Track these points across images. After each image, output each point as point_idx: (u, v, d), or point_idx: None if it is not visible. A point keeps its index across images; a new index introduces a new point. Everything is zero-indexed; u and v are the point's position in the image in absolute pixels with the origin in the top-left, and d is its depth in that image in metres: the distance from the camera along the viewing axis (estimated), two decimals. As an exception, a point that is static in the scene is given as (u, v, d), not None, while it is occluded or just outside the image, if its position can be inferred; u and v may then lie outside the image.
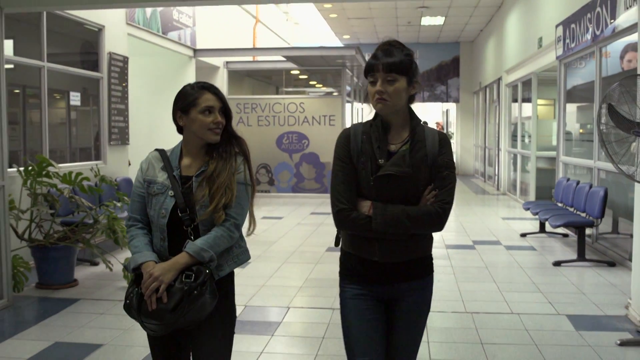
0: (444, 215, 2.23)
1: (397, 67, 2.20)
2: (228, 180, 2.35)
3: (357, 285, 2.32)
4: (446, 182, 2.24)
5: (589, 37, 7.63)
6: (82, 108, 8.52)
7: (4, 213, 5.22)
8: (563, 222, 6.73)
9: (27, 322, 4.90)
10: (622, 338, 4.32)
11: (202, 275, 2.24)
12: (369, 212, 2.22)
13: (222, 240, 2.32)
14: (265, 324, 4.74)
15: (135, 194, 2.45)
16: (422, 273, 2.35)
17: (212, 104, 2.37)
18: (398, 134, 2.30)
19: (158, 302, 2.20)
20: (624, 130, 4.18)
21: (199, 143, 2.42)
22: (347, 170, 2.28)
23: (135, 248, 2.36)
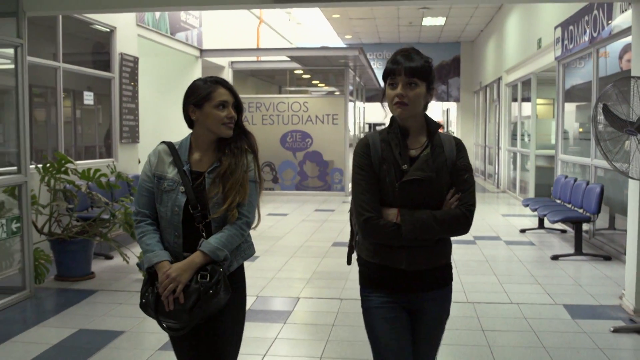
0: (471, 218, 2.25)
1: (419, 72, 2.22)
2: (242, 178, 2.36)
3: (382, 293, 2.31)
4: (468, 185, 2.27)
5: (587, 39, 7.87)
6: (86, 107, 8.73)
7: (27, 208, 5.47)
8: (561, 217, 6.99)
9: (50, 311, 5.15)
10: (616, 325, 4.57)
11: (217, 274, 2.26)
12: (396, 219, 2.21)
13: (235, 238, 2.35)
14: (277, 312, 5.00)
15: (142, 187, 2.42)
16: (443, 282, 2.36)
17: (226, 98, 2.38)
18: (416, 139, 2.31)
19: (175, 302, 2.23)
20: (618, 129, 4.43)
21: (210, 138, 2.40)
22: (369, 179, 2.27)
23: (148, 246, 2.36)
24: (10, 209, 5.67)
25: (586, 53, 8.16)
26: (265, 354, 4.07)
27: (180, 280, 2.23)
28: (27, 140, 5.43)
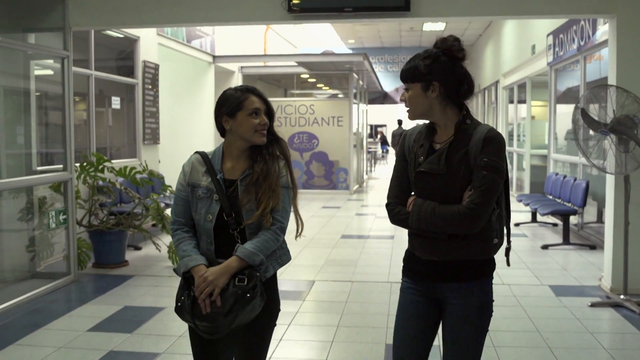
0: (471, 216, 2.17)
1: (406, 75, 2.30)
2: (274, 184, 2.38)
3: (408, 278, 2.40)
4: (481, 183, 2.18)
5: (575, 47, 8.53)
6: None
7: (72, 201, 6.14)
8: (550, 210, 7.67)
9: (95, 292, 5.82)
10: (593, 301, 5.24)
11: (253, 278, 2.30)
12: (408, 207, 2.29)
13: (270, 243, 2.38)
14: (296, 292, 5.67)
15: (178, 197, 2.48)
16: (467, 276, 2.28)
17: (258, 106, 2.41)
18: (445, 133, 2.32)
19: (212, 305, 2.27)
20: (594, 129, 5.10)
21: (243, 146, 2.43)
22: (398, 168, 2.38)
23: (184, 252, 2.40)
24: (52, 204, 6.35)
25: (575, 60, 8.83)
26: (290, 324, 4.75)
27: (217, 284, 2.27)
28: (73, 141, 6.10)
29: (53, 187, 6.18)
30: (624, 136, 4.97)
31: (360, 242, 8.03)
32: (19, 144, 6.43)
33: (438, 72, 2.25)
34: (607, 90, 5.01)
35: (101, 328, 4.71)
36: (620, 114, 4.97)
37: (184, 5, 5.86)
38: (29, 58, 6.36)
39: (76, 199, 6.34)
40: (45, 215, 6.21)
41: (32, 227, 6.30)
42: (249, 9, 5.78)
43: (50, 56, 6.24)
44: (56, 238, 6.46)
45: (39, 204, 6.23)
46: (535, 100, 12.79)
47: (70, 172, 6.10)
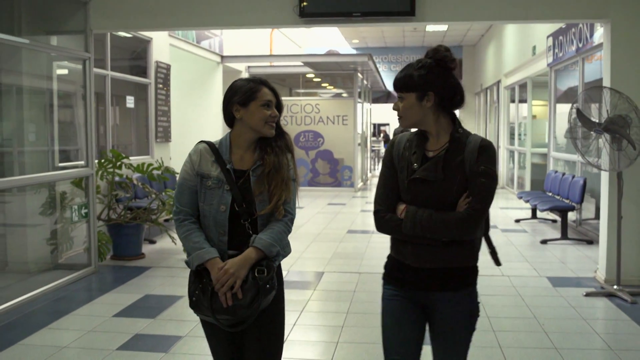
0: (471, 221, 2.21)
1: (400, 85, 2.32)
2: (286, 177, 2.41)
3: (393, 286, 2.39)
4: (479, 190, 2.22)
5: (574, 49, 8.82)
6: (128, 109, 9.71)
7: (93, 196, 6.46)
8: (549, 206, 7.97)
9: (115, 282, 6.12)
10: (588, 291, 5.54)
11: (272, 269, 2.33)
12: (401, 215, 2.29)
13: (284, 235, 2.40)
14: (307, 282, 5.98)
15: (184, 186, 2.44)
16: (457, 285, 2.31)
17: (271, 98, 2.43)
18: (437, 141, 2.33)
19: (233, 298, 2.26)
20: (588, 129, 5.40)
21: (252, 137, 2.44)
22: (387, 175, 2.36)
23: (196, 244, 2.36)
24: (72, 198, 6.66)
25: (573, 61, 9.12)
26: (302, 310, 5.06)
27: (239, 276, 2.27)
28: (94, 138, 6.41)
29: (74, 182, 6.49)
30: (617, 135, 5.27)
31: (365, 236, 8.34)
32: (42, 141, 6.74)
33: (433, 82, 2.28)
34: (602, 92, 5.30)
35: (125, 314, 5.02)
36: (614, 114, 5.27)
37: (200, 9, 6.16)
38: (51, 59, 6.67)
39: (97, 193, 6.65)
40: (65, 210, 6.53)
41: (54, 221, 6.61)
42: (262, 13, 6.08)
43: (72, 58, 6.55)
44: (75, 232, 6.77)
45: (60, 199, 6.54)
46: (536, 99, 13.07)
47: (91, 168, 6.41)
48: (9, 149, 6.44)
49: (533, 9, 5.83)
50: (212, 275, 2.29)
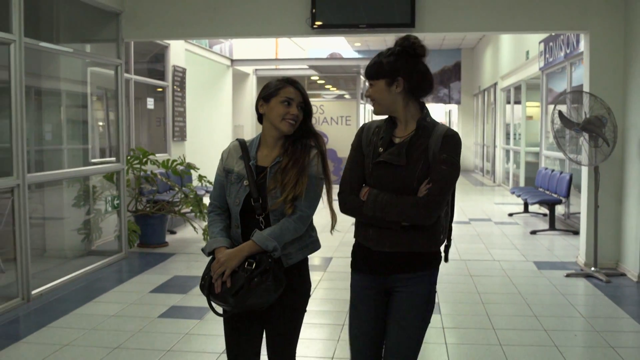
0: (427, 207, 2.25)
1: (371, 72, 2.40)
2: (300, 174, 2.43)
3: (359, 274, 2.46)
4: (439, 176, 2.27)
5: (562, 54, 9.50)
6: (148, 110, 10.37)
7: (124, 189, 7.14)
8: (538, 200, 8.66)
9: (144, 266, 6.80)
10: (569, 272, 6.22)
11: (263, 263, 2.36)
12: (363, 197, 2.34)
13: (287, 231, 2.42)
14: (319, 265, 6.67)
15: (216, 181, 2.59)
16: (415, 267, 2.35)
17: (292, 96, 2.48)
18: (405, 127, 2.39)
19: (223, 285, 2.36)
20: (568, 128, 6.08)
21: (276, 134, 2.51)
22: (355, 159, 2.42)
23: (212, 234, 2.52)
24: (102, 192, 7.34)
25: (562, 66, 9.80)
26: (316, 288, 5.75)
27: (228, 266, 2.35)
28: (125, 137, 7.10)
29: (106, 176, 7.17)
30: (594, 134, 5.95)
31: (369, 228, 9.04)
32: (78, 139, 7.43)
33: (402, 68, 2.33)
34: (581, 96, 5.98)
35: (159, 290, 5.71)
36: (591, 115, 5.95)
37: (221, 20, 6.84)
38: (86, 65, 7.36)
39: (127, 187, 7.34)
40: (97, 201, 7.21)
41: (86, 212, 7.29)
42: (278, 25, 6.77)
43: (106, 64, 7.23)
44: (104, 222, 7.45)
45: (92, 191, 7.22)
46: (530, 101, 13.76)
47: (122, 163, 7.10)
48: (51, 146, 7.12)
49: (520, 21, 6.51)
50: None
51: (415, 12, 6.39)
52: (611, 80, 6.28)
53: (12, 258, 6.14)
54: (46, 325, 4.70)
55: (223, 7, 6.79)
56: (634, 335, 4.60)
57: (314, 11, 6.53)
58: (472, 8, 6.46)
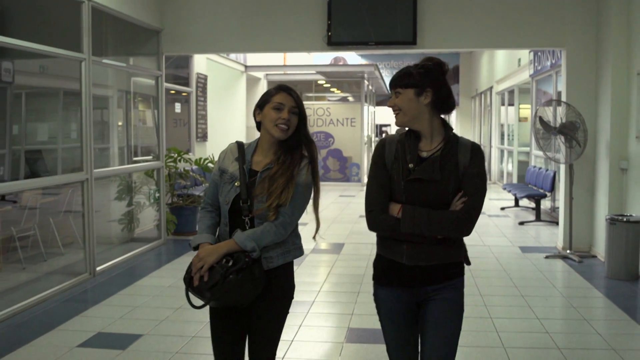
0: (469, 221, 2.30)
1: (398, 82, 2.40)
2: (287, 183, 2.50)
3: (388, 288, 2.45)
4: (475, 190, 2.32)
5: (549, 64, 10.56)
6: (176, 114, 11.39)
7: (162, 184, 8.20)
8: (525, 194, 9.74)
9: (183, 250, 7.84)
10: (548, 255, 7.28)
11: (240, 262, 2.43)
12: (397, 214, 2.33)
13: (267, 235, 2.49)
14: (332, 249, 7.73)
15: (211, 180, 2.69)
16: (450, 276, 2.41)
17: (283, 101, 2.53)
18: (430, 142, 2.40)
19: (201, 279, 2.44)
20: (547, 131, 7.14)
21: (270, 140, 2.58)
22: (380, 175, 2.41)
23: (199, 229, 2.63)
24: (141, 187, 8.39)
25: (549, 74, 10.86)
26: (333, 266, 6.81)
27: (207, 261, 2.43)
28: (164, 138, 8.15)
29: (147, 173, 8.23)
30: (569, 136, 7.01)
31: (375, 220, 10.12)
32: (122, 139, 8.49)
33: (431, 81, 2.37)
34: (558, 104, 7.04)
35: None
36: (566, 120, 7.01)
37: (248, 37, 7.88)
38: (130, 75, 8.42)
39: (165, 182, 8.41)
40: (137, 194, 8.25)
41: (127, 204, 8.33)
42: (299, 42, 7.83)
43: (148, 75, 8.29)
44: (142, 214, 8.49)
45: (133, 187, 8.26)
46: (523, 104, 14.82)
47: (161, 161, 8.16)
48: (104, 145, 8.18)
49: (508, 39, 7.57)
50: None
51: (417, 31, 7.45)
52: (585, 90, 7.33)
53: (69, 242, 7.24)
54: (115, 294, 5.76)
55: (249, 25, 7.83)
56: (595, 300, 5.65)
57: (330, 31, 7.58)
58: (465, 28, 7.51)
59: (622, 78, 6.74)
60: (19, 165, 6.90)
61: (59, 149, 7.65)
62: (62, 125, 7.83)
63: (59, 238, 7.09)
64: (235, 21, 7.87)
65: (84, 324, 4.89)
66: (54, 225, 7.15)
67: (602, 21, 7.11)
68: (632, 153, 6.60)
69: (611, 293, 5.76)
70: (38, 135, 7.70)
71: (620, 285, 5.99)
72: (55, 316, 5.08)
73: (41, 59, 6.68)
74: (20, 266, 6.50)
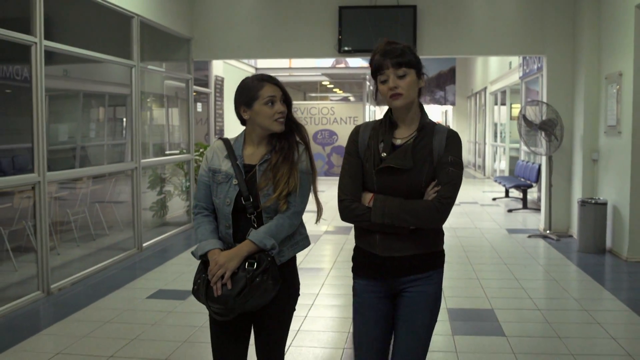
0: (442, 211, 2.21)
1: (405, 61, 2.22)
2: (291, 170, 2.42)
3: (364, 279, 2.37)
4: (449, 179, 2.22)
5: (536, 67, 11.65)
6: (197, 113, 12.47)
7: (192, 174, 9.27)
8: (513, 184, 10.87)
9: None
10: (530, 235, 8.38)
11: (264, 262, 2.34)
12: (369, 203, 2.25)
13: (283, 228, 2.41)
14: (341, 235, 8.82)
15: (200, 182, 2.52)
16: (426, 267, 2.32)
17: (274, 93, 2.43)
18: (406, 129, 2.30)
19: (223, 288, 2.32)
20: (530, 127, 8.24)
21: (262, 133, 2.47)
22: (352, 164, 2.33)
23: (202, 235, 2.45)
24: (171, 177, 9.45)
25: (536, 76, 11.95)
26: (340, 250, 7.89)
27: (228, 267, 2.32)
28: (193, 134, 9.23)
29: (179, 164, 9.29)
30: (548, 131, 8.10)
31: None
32: (157, 135, 9.57)
33: (421, 63, 2.29)
34: (539, 104, 8.14)
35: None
36: (546, 118, 8.11)
37: (268, 44, 8.96)
38: (163, 79, 9.50)
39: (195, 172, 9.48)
40: (168, 184, 9.31)
41: (157, 192, 9.38)
42: (313, 49, 8.92)
43: (179, 79, 9.37)
44: (171, 202, 9.55)
45: (163, 177, 9.33)
46: (515, 103, 15.92)
47: (191, 154, 9.24)
48: (144, 139, 9.24)
49: (497, 47, 8.68)
50: (210, 265, 2.38)
51: (417, 39, 8.53)
52: (562, 91, 8.42)
53: (111, 225, 8.30)
54: (163, 264, 6.84)
55: (269, 34, 8.91)
56: (566, 267, 6.74)
57: (340, 38, 8.66)
58: (458, 37, 8.60)
59: (594, 81, 7.84)
60: (75, 156, 7.98)
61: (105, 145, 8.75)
62: (107, 125, 8.92)
63: (104, 221, 8.17)
64: (256, 31, 8.94)
65: (145, 284, 5.97)
66: (100, 210, 8.23)
67: (577, 33, 8.20)
68: (601, 146, 7.70)
69: (581, 263, 6.85)
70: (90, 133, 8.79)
71: (590, 257, 7.08)
72: (120, 279, 6.16)
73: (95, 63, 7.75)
74: (74, 244, 7.57)
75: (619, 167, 7.05)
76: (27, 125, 5.40)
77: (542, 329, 4.66)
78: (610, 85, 7.31)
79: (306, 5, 8.80)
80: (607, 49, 7.53)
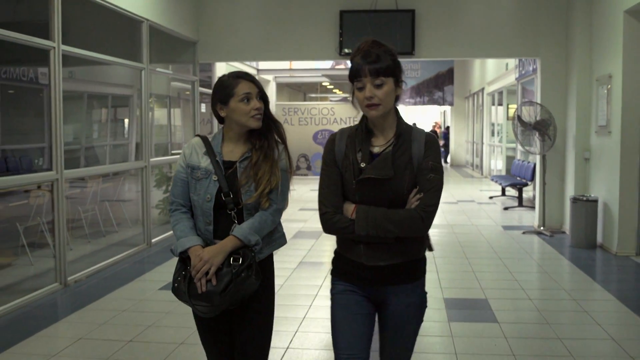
0: (427, 219, 2.18)
1: (383, 70, 2.15)
2: (272, 168, 2.44)
3: (346, 282, 2.33)
4: (430, 185, 2.20)
5: (531, 69, 11.95)
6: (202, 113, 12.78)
7: (198, 172, 9.57)
8: (508, 183, 11.18)
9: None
10: (525, 231, 8.69)
11: (248, 258, 2.35)
12: (352, 215, 2.21)
13: (266, 224, 2.43)
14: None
15: (177, 178, 2.52)
16: (410, 277, 2.30)
17: (249, 90, 2.43)
18: (383, 135, 2.26)
19: (208, 284, 2.31)
20: (525, 127, 8.55)
21: (241, 130, 2.48)
22: (331, 174, 2.28)
23: (181, 232, 2.44)
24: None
25: (531, 77, 12.26)
26: (346, 239, 8.20)
27: (213, 263, 2.32)
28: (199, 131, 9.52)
29: (184, 163, 9.58)
30: (542, 131, 8.41)
31: (378, 206, 11.52)
32: (162, 135, 9.87)
33: (401, 70, 2.22)
34: (533, 105, 8.45)
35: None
36: (540, 118, 8.41)
37: (271, 47, 9.26)
38: (169, 80, 9.80)
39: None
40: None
41: (163, 191, 9.67)
42: (314, 51, 9.23)
43: (185, 80, 9.66)
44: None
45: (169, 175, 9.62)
46: (511, 104, 16.21)
47: (197, 153, 9.53)
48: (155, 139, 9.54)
49: (492, 49, 8.98)
50: (192, 262, 2.35)
51: (415, 43, 8.83)
52: (556, 93, 8.73)
53: (119, 223, 8.60)
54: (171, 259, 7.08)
55: (273, 37, 9.21)
56: (558, 261, 7.04)
57: (341, 40, 8.96)
58: (455, 40, 8.90)
59: (585, 83, 8.15)
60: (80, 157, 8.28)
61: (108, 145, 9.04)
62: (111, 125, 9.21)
63: (113, 218, 8.46)
64: (260, 34, 9.24)
65: (156, 277, 6.27)
66: (109, 207, 8.52)
67: (570, 36, 8.51)
68: (593, 145, 8.01)
69: (573, 257, 7.15)
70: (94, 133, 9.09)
71: (581, 252, 7.38)
72: (132, 272, 6.46)
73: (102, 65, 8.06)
74: (85, 240, 7.86)
75: (609, 165, 7.36)
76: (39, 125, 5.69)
77: (533, 317, 4.97)
78: (601, 87, 7.62)
79: (308, 10, 9.10)
80: (598, 52, 7.83)
